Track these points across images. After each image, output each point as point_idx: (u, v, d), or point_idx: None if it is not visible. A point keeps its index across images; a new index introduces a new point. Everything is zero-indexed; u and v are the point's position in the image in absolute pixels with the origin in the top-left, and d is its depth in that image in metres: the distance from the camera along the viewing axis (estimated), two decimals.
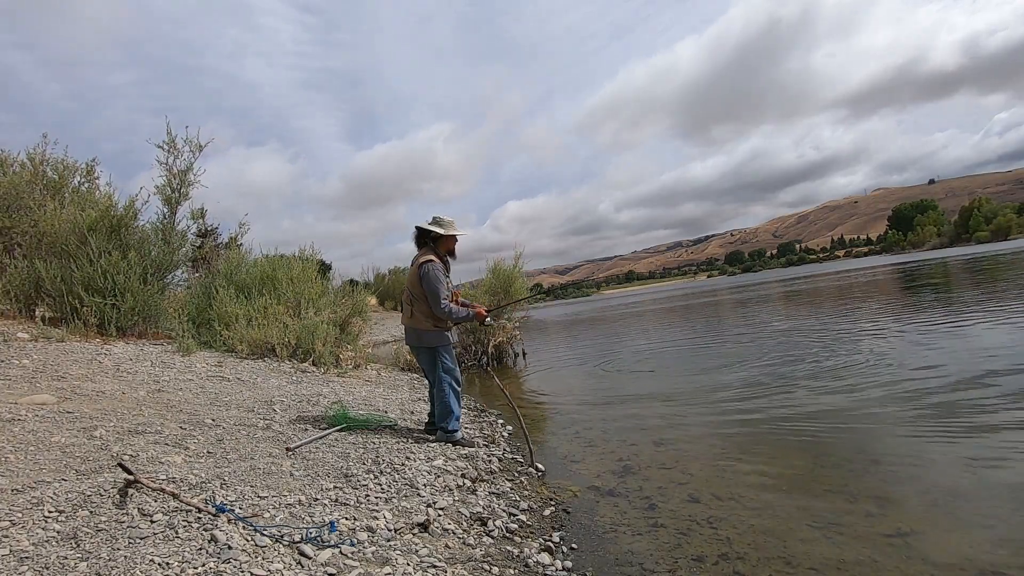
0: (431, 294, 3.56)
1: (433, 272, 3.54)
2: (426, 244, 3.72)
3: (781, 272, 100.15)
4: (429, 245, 3.71)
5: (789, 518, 2.48)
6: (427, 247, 3.71)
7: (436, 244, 3.71)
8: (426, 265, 3.56)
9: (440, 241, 3.72)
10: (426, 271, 3.55)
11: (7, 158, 6.73)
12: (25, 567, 1.52)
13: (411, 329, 3.77)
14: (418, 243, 3.79)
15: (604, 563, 2.27)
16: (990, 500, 2.43)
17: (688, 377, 6.23)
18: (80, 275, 5.71)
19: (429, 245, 3.71)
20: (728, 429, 3.97)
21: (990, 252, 33.42)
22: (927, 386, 4.34)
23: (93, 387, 3.79)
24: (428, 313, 3.66)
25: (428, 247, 3.70)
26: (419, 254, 3.71)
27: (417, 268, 3.60)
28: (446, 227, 3.70)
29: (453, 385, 3.74)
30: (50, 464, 2.29)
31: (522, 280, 9.60)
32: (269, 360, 6.29)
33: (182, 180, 7.17)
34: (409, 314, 3.73)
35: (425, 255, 3.64)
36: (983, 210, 74.25)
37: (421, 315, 3.67)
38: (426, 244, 3.72)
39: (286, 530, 2.02)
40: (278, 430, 3.53)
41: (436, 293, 3.54)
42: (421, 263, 3.59)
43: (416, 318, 3.69)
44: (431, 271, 3.54)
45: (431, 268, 3.55)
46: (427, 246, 3.71)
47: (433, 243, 3.71)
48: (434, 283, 3.53)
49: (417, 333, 3.73)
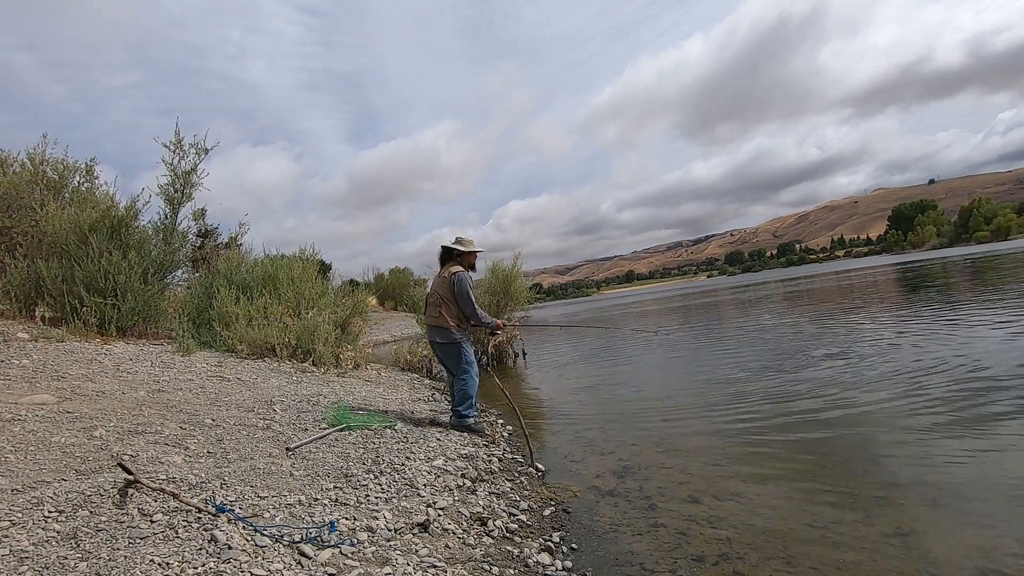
0: (463, 297, 4.10)
1: (467, 280, 4.14)
2: (452, 259, 4.31)
3: (781, 272, 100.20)
4: (456, 260, 4.29)
5: (789, 518, 2.48)
6: (454, 261, 4.28)
7: (461, 259, 4.30)
8: (460, 274, 4.13)
9: (464, 257, 4.31)
10: (460, 279, 4.11)
11: (7, 158, 6.73)
12: (25, 567, 1.52)
13: (437, 328, 4.21)
14: (443, 260, 4.37)
15: (604, 563, 2.27)
16: (990, 500, 2.43)
17: (688, 377, 6.23)
18: (81, 274, 5.71)
19: (456, 260, 4.29)
20: (728, 429, 3.97)
21: (990, 252, 33.43)
22: (927, 385, 4.34)
23: (93, 387, 3.79)
24: (454, 314, 4.15)
25: (455, 261, 4.28)
26: (448, 265, 4.27)
27: (450, 276, 4.15)
28: (467, 245, 4.32)
29: (473, 375, 4.23)
30: (50, 464, 2.28)
31: (521, 280, 9.60)
32: (269, 360, 6.29)
33: (186, 181, 7.19)
34: (436, 314, 4.18)
35: (454, 266, 4.22)
36: (983, 210, 74.27)
37: (448, 316, 4.14)
38: (452, 259, 4.31)
39: (286, 530, 2.02)
40: (278, 430, 3.53)
41: (469, 297, 4.11)
42: (454, 272, 4.15)
43: (443, 318, 4.15)
44: (465, 279, 4.13)
45: (465, 276, 4.14)
46: (453, 261, 4.29)
47: (459, 258, 4.30)
48: (468, 290, 4.12)
49: (443, 331, 4.18)
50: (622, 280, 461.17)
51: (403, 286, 26.39)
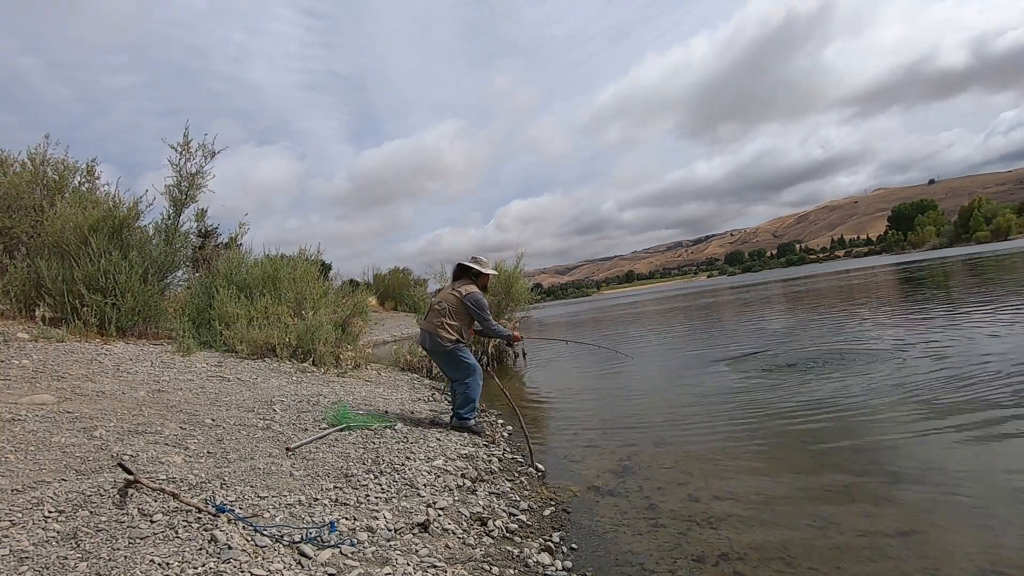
0: (480, 313, 4.21)
1: (482, 300, 4.25)
2: (466, 277, 4.38)
3: (781, 272, 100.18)
4: (471, 278, 4.37)
5: (789, 518, 2.48)
6: (468, 280, 4.36)
7: (476, 279, 4.39)
8: (475, 294, 4.23)
9: (480, 277, 4.42)
10: (477, 299, 4.21)
11: (8, 158, 6.73)
12: (25, 567, 1.52)
13: (431, 335, 4.21)
14: (456, 275, 4.47)
15: (604, 563, 2.27)
16: (991, 500, 2.43)
17: (688, 377, 6.23)
18: (81, 274, 5.71)
19: (471, 278, 4.37)
20: (728, 429, 3.97)
21: (990, 252, 33.41)
22: (928, 385, 4.33)
23: (93, 387, 3.79)
24: (455, 328, 4.19)
25: (470, 280, 4.36)
26: (462, 282, 4.34)
27: (466, 294, 4.21)
28: (484, 266, 4.43)
29: (477, 379, 4.26)
30: (50, 464, 2.28)
31: (523, 281, 9.60)
32: (269, 360, 6.29)
33: (191, 183, 7.21)
34: (438, 323, 4.19)
35: (469, 285, 4.30)
36: (983, 210, 74.24)
37: (449, 328, 4.17)
38: (466, 277, 4.38)
39: (286, 530, 2.02)
40: (278, 430, 3.53)
41: (486, 311, 4.25)
42: (470, 292, 4.23)
43: (443, 327, 4.17)
44: (480, 299, 4.23)
45: (480, 297, 4.25)
46: (468, 279, 4.36)
47: (474, 278, 4.38)
48: (484, 307, 4.24)
49: (435, 340, 4.19)
50: (622, 280, 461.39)
51: (403, 286, 26.37)
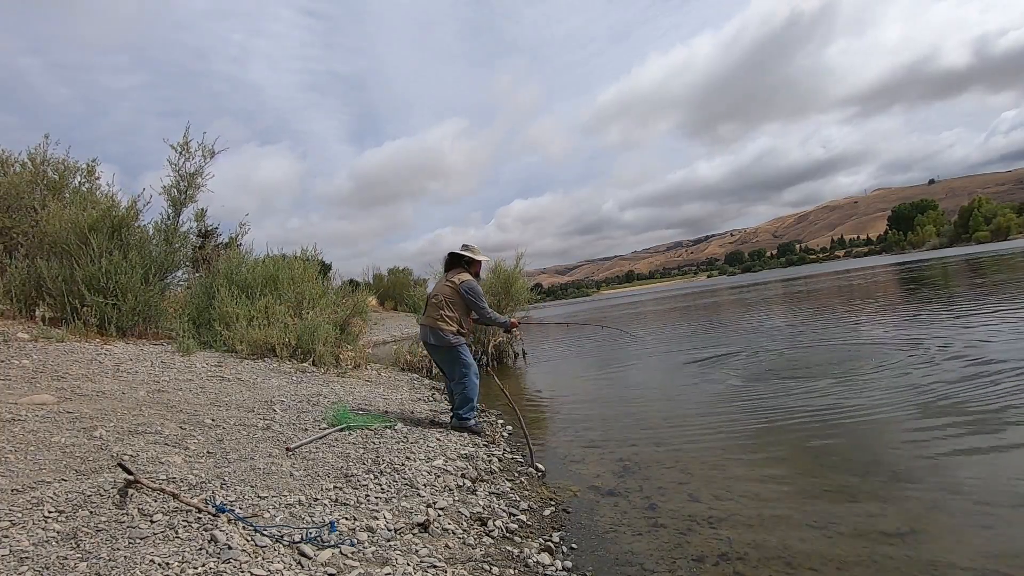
0: (475, 301, 4.19)
1: (476, 287, 4.25)
2: (458, 265, 4.38)
3: (781, 272, 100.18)
4: (463, 267, 4.36)
5: (789, 518, 2.47)
6: (461, 268, 4.35)
7: (469, 267, 4.38)
8: (469, 282, 4.23)
9: (472, 265, 4.41)
10: (471, 286, 4.20)
11: (8, 158, 6.74)
12: (25, 567, 1.52)
13: (432, 330, 4.18)
14: (448, 265, 4.47)
15: (604, 563, 2.27)
16: (992, 500, 2.42)
17: (688, 377, 6.22)
18: (81, 274, 5.71)
19: (463, 267, 4.36)
20: (728, 429, 3.97)
21: (990, 252, 33.40)
22: (928, 385, 4.33)
23: (93, 387, 3.79)
24: (455, 320, 4.16)
25: (462, 268, 4.35)
26: (455, 271, 4.32)
27: (459, 283, 4.20)
28: (475, 253, 4.41)
29: (473, 378, 4.23)
30: (50, 464, 2.28)
31: (523, 281, 9.60)
32: (269, 360, 6.29)
33: (190, 183, 7.21)
34: (436, 316, 4.17)
35: (462, 273, 4.29)
36: (983, 210, 74.26)
37: (448, 320, 4.14)
38: (458, 265, 4.38)
39: (286, 530, 2.02)
40: (278, 430, 3.53)
41: (482, 299, 4.24)
42: (464, 279, 4.22)
43: (443, 320, 4.14)
44: (475, 286, 4.24)
45: (474, 284, 4.26)
46: (460, 267, 4.36)
47: (467, 265, 4.37)
48: (479, 294, 4.24)
49: (438, 334, 4.16)
50: (622, 280, 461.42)
51: (403, 286, 26.38)
